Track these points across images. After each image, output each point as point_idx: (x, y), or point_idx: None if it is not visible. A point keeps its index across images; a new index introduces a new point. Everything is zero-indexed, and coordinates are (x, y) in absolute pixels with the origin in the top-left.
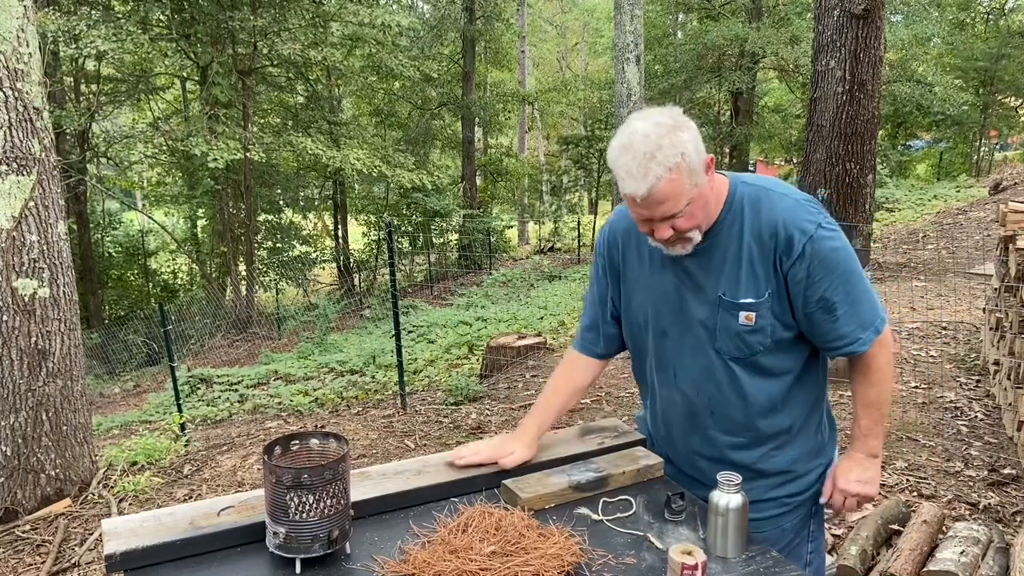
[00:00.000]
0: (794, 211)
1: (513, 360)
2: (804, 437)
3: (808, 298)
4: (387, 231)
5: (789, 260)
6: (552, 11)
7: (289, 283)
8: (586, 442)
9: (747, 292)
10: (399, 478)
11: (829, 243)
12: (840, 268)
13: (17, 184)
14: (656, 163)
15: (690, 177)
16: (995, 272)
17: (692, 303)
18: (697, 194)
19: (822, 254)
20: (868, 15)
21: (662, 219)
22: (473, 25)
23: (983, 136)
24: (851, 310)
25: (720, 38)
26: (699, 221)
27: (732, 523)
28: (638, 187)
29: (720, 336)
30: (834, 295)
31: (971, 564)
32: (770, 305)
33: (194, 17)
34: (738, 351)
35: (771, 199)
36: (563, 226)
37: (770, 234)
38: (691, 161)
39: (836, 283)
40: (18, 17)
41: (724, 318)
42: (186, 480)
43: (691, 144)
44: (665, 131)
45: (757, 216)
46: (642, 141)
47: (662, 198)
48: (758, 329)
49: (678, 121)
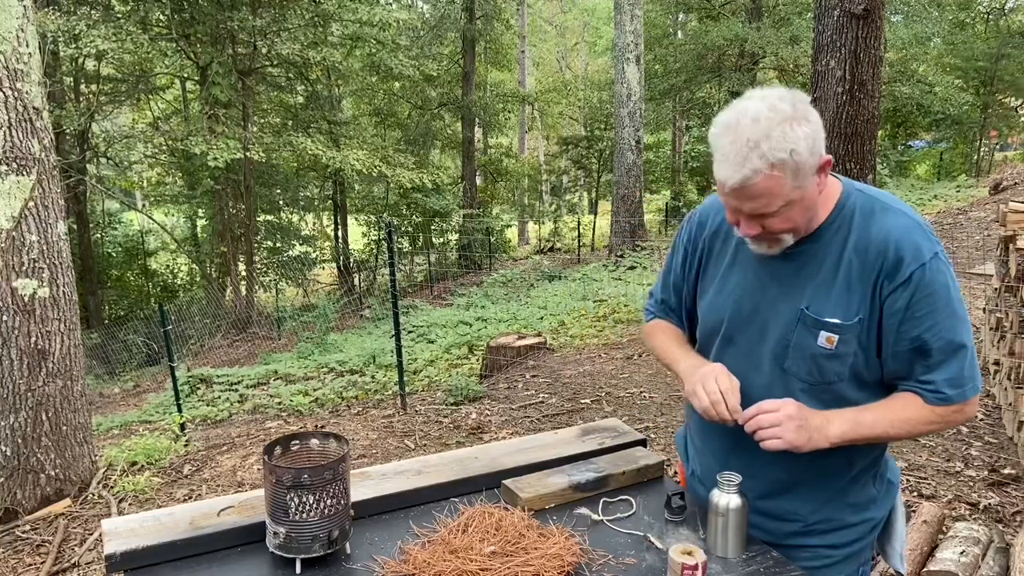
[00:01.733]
0: (910, 231)
1: (513, 360)
2: (856, 486)
3: (902, 334)
4: (387, 231)
5: (892, 284)
6: (552, 11)
7: (289, 283)
8: (586, 442)
9: (835, 311)
10: (399, 478)
11: (942, 277)
12: (948, 309)
13: (17, 184)
14: (758, 154)
15: (795, 178)
16: (995, 272)
17: (770, 312)
18: (800, 196)
19: (932, 287)
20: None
21: (751, 215)
22: (473, 25)
23: (983, 136)
24: (949, 360)
25: (720, 38)
26: (796, 225)
27: (732, 523)
28: (730, 175)
29: (793, 355)
30: (934, 339)
31: (971, 564)
32: (858, 332)
33: (194, 17)
34: (809, 376)
35: (886, 213)
36: (563, 226)
37: (878, 251)
38: (801, 160)
39: (939, 325)
40: (18, 17)
41: (802, 335)
42: (186, 480)
43: (806, 141)
44: (779, 120)
45: (867, 228)
46: (750, 125)
47: (755, 194)
48: (838, 355)
49: (799, 111)
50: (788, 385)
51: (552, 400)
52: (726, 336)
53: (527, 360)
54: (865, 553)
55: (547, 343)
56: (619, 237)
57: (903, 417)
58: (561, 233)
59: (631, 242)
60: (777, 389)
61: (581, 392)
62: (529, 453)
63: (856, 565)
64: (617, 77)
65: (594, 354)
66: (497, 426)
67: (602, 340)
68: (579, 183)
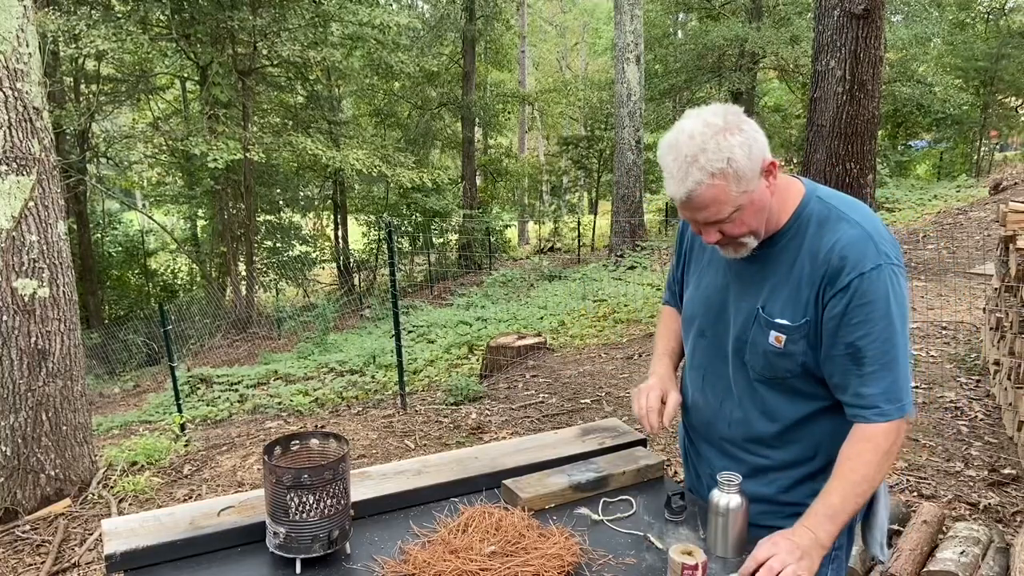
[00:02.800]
0: (857, 242)
1: (513, 360)
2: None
3: (837, 339)
4: (387, 231)
5: (832, 290)
6: (552, 11)
7: (289, 283)
8: (586, 442)
9: (784, 312)
10: (399, 478)
11: (883, 288)
12: (885, 321)
13: (17, 184)
14: (697, 167)
15: (737, 184)
16: (995, 272)
17: (733, 310)
18: (748, 200)
19: (870, 296)
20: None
21: (707, 223)
22: (473, 25)
23: (983, 136)
24: (882, 372)
25: (720, 38)
26: (752, 228)
27: (732, 523)
28: (677, 190)
29: (750, 350)
30: (868, 347)
31: (971, 564)
32: (805, 333)
33: (194, 17)
34: (764, 370)
35: (840, 222)
36: (563, 226)
37: (824, 259)
38: (739, 167)
39: (874, 335)
40: (18, 17)
41: (756, 333)
42: (186, 480)
43: (740, 148)
44: (712, 133)
45: (819, 236)
46: (687, 142)
47: (702, 204)
48: (787, 354)
49: (730, 122)
50: (747, 376)
51: (552, 400)
52: (699, 329)
53: (527, 360)
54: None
55: (547, 343)
56: (619, 237)
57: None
58: (561, 233)
59: (631, 242)
60: (740, 379)
61: (581, 392)
62: (529, 453)
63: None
64: (617, 77)
65: (594, 354)
66: (497, 426)
67: (602, 340)
68: (579, 183)
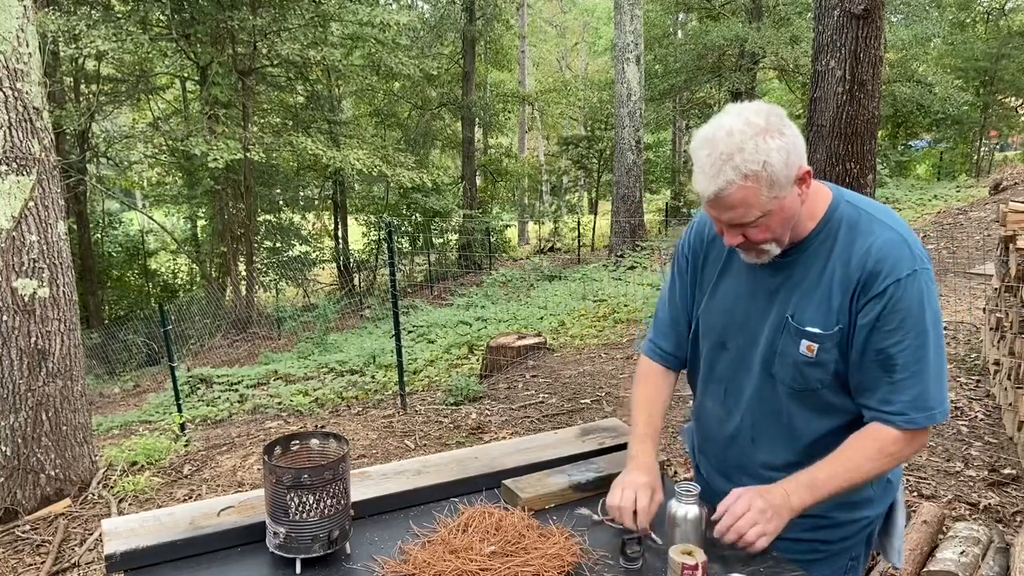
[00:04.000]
0: (893, 246)
1: (513, 360)
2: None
3: (869, 345)
4: (387, 231)
5: (867, 296)
6: (552, 11)
7: (289, 283)
8: (586, 442)
9: (816, 320)
10: (399, 478)
11: (917, 295)
12: (919, 328)
13: (17, 184)
14: (731, 166)
15: (770, 189)
16: (995, 272)
17: (758, 319)
18: (777, 207)
19: (904, 302)
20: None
21: (731, 225)
22: (473, 25)
23: (983, 136)
24: (912, 380)
25: (720, 38)
26: (776, 235)
27: (690, 534)
28: (707, 187)
29: (779, 361)
30: (899, 355)
31: (971, 564)
32: (838, 341)
33: (194, 17)
34: (794, 382)
35: (872, 227)
36: (563, 226)
37: (858, 264)
38: (774, 172)
39: (907, 343)
40: (18, 17)
41: (786, 343)
42: (186, 480)
43: (778, 153)
44: (752, 133)
45: (851, 241)
46: (724, 139)
47: (730, 204)
48: (818, 363)
49: (772, 124)
50: (775, 389)
51: (552, 400)
52: (719, 342)
53: (527, 360)
54: (856, 548)
55: (547, 343)
56: (619, 237)
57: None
58: (561, 233)
59: (631, 242)
60: (766, 393)
61: (581, 392)
62: (529, 453)
63: (847, 559)
64: (617, 77)
65: (594, 354)
66: (497, 426)
67: (602, 340)
68: (579, 183)
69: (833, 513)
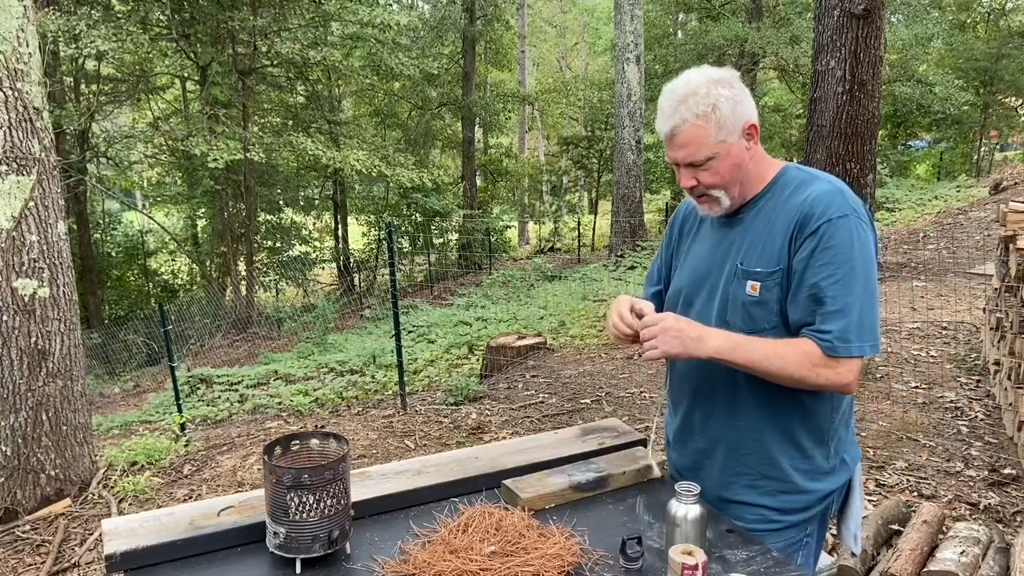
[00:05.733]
0: (828, 194)
1: (513, 360)
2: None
3: (803, 281)
4: (387, 231)
5: (802, 236)
6: (552, 11)
7: (289, 283)
8: (586, 442)
9: (759, 262)
10: (399, 478)
11: (847, 235)
12: (847, 266)
13: (17, 184)
14: (686, 106)
15: (717, 131)
16: (995, 272)
17: (717, 273)
18: (724, 151)
19: (835, 240)
20: (868, 15)
21: (685, 165)
22: (473, 26)
23: (983, 136)
24: (840, 314)
25: (720, 38)
26: (724, 181)
27: (690, 533)
28: (664, 124)
29: (730, 307)
30: (828, 288)
31: (971, 564)
32: (779, 281)
33: (194, 17)
34: (744, 324)
35: (814, 182)
36: (563, 226)
37: (796, 209)
38: (721, 115)
39: (837, 277)
40: (18, 17)
41: (735, 287)
42: (186, 480)
43: (727, 101)
44: (706, 81)
45: (794, 194)
46: (682, 85)
47: (683, 141)
48: (762, 302)
49: (726, 77)
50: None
51: (552, 400)
52: (685, 300)
53: (527, 360)
54: (810, 524)
55: (547, 343)
56: (619, 237)
57: (781, 352)
58: (561, 233)
59: (631, 242)
60: None
61: (581, 392)
62: (529, 453)
63: (800, 534)
64: (617, 77)
65: (594, 354)
66: (497, 426)
67: (602, 340)
68: (579, 183)
69: (792, 479)
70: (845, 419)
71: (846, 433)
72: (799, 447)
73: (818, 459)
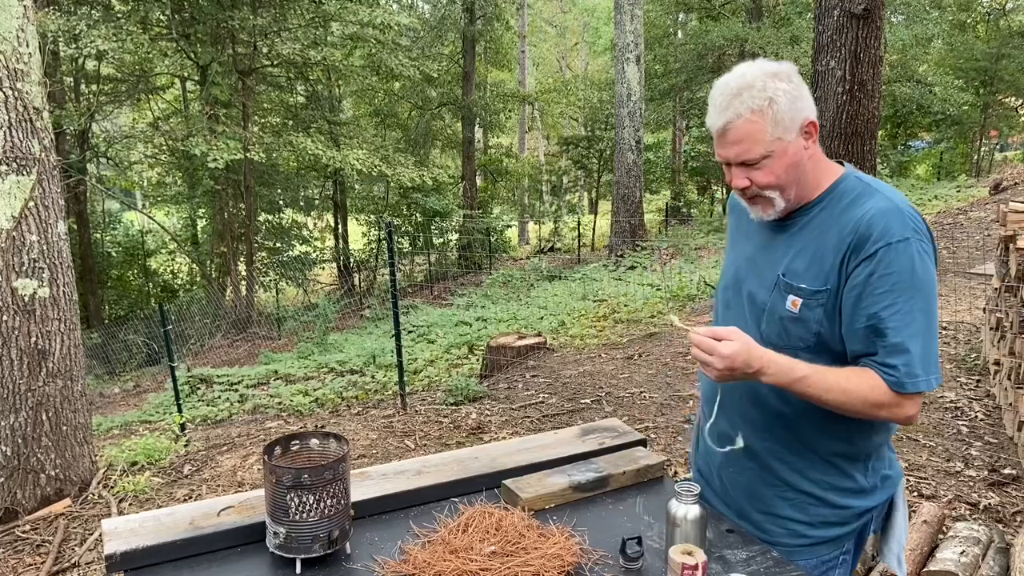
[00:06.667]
0: (887, 213)
1: (513, 360)
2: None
3: (859, 310)
4: (387, 231)
5: (857, 258)
6: (552, 11)
7: (289, 283)
8: (586, 442)
9: (805, 278)
10: (399, 478)
11: (908, 261)
12: (909, 293)
13: (17, 184)
14: (740, 100)
15: (774, 127)
16: (995, 272)
17: (757, 277)
18: (780, 149)
19: (894, 266)
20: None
21: (738, 164)
22: (473, 25)
23: (983, 136)
24: (904, 346)
25: (720, 38)
26: (780, 182)
27: (690, 534)
28: (715, 120)
29: (767, 318)
30: (890, 319)
31: (971, 564)
32: (823, 301)
33: (194, 17)
34: (779, 338)
35: (873, 197)
36: (563, 226)
37: (852, 227)
38: (779, 110)
39: (897, 307)
40: (18, 17)
41: (775, 299)
42: (186, 480)
43: (785, 95)
44: (762, 74)
45: (851, 208)
46: (737, 79)
47: (736, 138)
48: (801, 319)
49: (783, 71)
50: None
51: (552, 400)
52: (725, 300)
53: (527, 360)
54: (847, 541)
55: (547, 343)
56: (619, 237)
57: (845, 387)
58: (561, 233)
59: (631, 242)
60: None
61: (581, 392)
62: (529, 453)
63: (836, 551)
64: (617, 77)
65: (594, 354)
66: (497, 426)
67: (602, 340)
68: (579, 183)
69: (827, 495)
70: (886, 438)
71: (886, 451)
72: (836, 465)
73: (857, 478)
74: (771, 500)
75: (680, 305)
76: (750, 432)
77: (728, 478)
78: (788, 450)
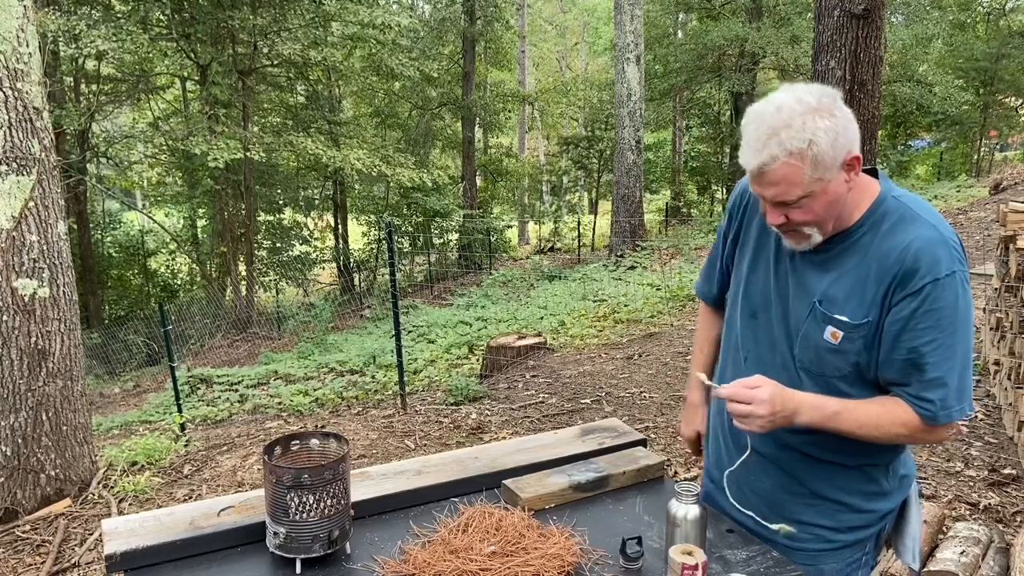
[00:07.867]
0: (933, 244)
1: (513, 360)
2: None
3: (900, 342)
4: (387, 231)
5: (902, 292)
6: (552, 11)
7: (289, 283)
8: (586, 442)
9: (845, 309)
10: (399, 478)
11: (953, 297)
12: (951, 328)
13: (17, 184)
14: (776, 142)
15: (814, 169)
16: (995, 272)
17: (790, 299)
18: (821, 189)
19: (940, 303)
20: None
21: (774, 203)
22: (473, 26)
23: (983, 136)
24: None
25: (720, 38)
26: (818, 219)
27: (690, 533)
28: (751, 160)
29: (801, 343)
30: (931, 354)
31: (971, 564)
32: (864, 333)
33: (194, 17)
34: (812, 365)
35: (915, 222)
36: (563, 226)
37: (897, 259)
38: (819, 152)
39: (939, 342)
40: (18, 17)
41: (811, 326)
42: (186, 480)
43: (826, 134)
44: (801, 111)
45: (893, 234)
46: (773, 114)
47: (773, 180)
48: (840, 351)
49: (823, 105)
50: (794, 368)
51: (552, 400)
52: (751, 311)
53: (527, 360)
54: (868, 542)
55: (547, 343)
56: (619, 237)
57: (877, 423)
58: (561, 233)
59: (631, 242)
60: (789, 368)
61: (581, 392)
62: (529, 453)
63: (859, 553)
64: (617, 77)
65: (594, 354)
66: (497, 426)
67: (602, 340)
68: (579, 183)
69: (846, 498)
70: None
71: (905, 452)
72: (863, 471)
73: (881, 481)
74: (794, 507)
75: (680, 305)
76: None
77: (749, 484)
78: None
